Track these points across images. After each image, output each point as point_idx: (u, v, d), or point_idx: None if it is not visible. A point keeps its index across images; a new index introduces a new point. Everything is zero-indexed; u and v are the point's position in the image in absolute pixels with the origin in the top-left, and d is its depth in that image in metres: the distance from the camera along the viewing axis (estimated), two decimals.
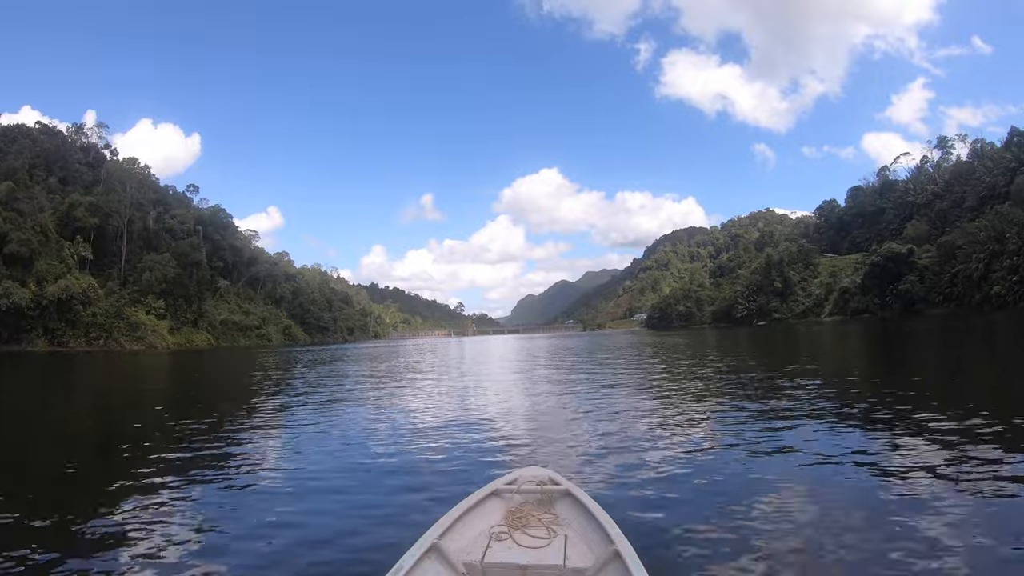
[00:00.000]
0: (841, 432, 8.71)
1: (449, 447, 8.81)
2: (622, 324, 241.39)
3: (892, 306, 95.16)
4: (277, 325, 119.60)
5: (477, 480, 6.15)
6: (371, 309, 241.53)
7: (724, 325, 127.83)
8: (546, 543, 3.77)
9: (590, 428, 9.93)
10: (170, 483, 7.18)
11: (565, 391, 16.32)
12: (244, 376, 28.33)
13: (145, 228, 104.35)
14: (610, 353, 36.04)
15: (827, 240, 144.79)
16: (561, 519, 4.13)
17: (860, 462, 6.85)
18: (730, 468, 7.02)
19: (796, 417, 9.92)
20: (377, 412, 13.50)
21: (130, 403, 18.39)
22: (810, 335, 52.76)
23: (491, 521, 4.12)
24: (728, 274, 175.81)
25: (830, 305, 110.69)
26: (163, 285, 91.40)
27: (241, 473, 7.72)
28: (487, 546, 3.77)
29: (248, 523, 5.57)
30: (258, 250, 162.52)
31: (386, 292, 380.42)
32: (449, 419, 11.64)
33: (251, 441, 10.31)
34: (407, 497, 6.30)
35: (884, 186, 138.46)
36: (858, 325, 72.24)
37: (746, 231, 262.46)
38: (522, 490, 4.49)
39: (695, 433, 9.34)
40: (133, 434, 11.29)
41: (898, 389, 12.34)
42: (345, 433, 10.56)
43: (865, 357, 25.35)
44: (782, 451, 7.83)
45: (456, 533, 3.85)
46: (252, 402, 16.63)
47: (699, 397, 13.39)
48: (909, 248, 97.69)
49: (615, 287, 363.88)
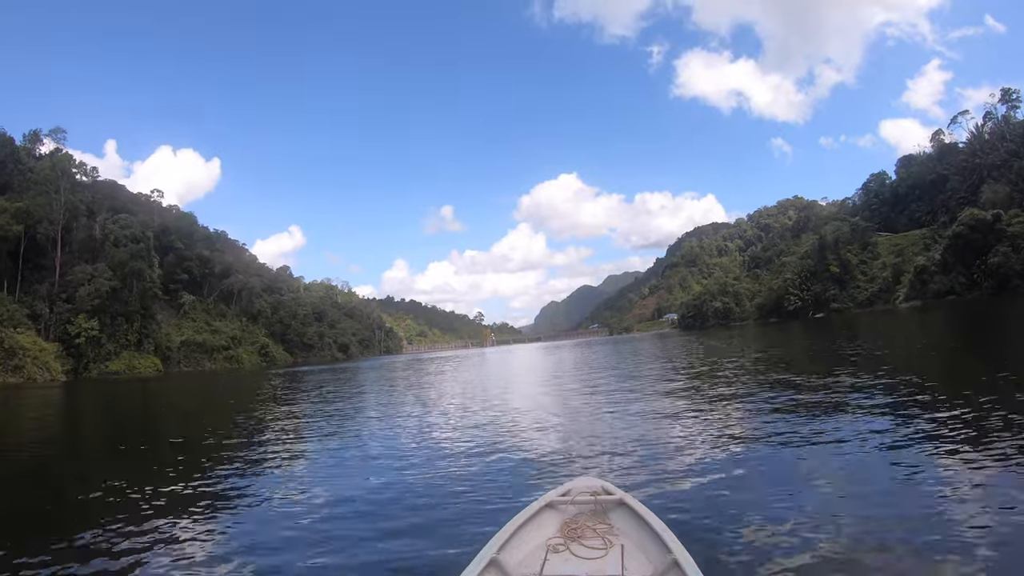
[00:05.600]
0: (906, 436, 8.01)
1: (495, 462, 8.78)
2: (652, 326, 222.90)
3: (982, 285, 77.40)
4: (253, 344, 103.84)
5: (528, 493, 6.43)
6: (381, 323, 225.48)
7: (773, 320, 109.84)
8: (603, 554, 3.79)
9: (637, 437, 9.85)
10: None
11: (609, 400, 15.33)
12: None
13: (91, 238, 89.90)
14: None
15: (879, 218, 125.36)
16: (616, 529, 4.16)
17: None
18: (785, 472, 7.10)
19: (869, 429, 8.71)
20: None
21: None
22: (889, 328, 42.18)
23: (547, 533, 4.16)
24: (765, 265, 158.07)
25: (904, 288, 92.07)
26: (96, 301, 76.39)
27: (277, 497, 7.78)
28: (544, 559, 3.79)
29: (304, 540, 5.79)
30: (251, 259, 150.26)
31: (402, 305, 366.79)
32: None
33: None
34: (457, 512, 6.33)
35: (942, 151, 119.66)
36: (945, 311, 56.81)
37: (776, 219, 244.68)
38: (576, 501, 4.52)
39: (747, 438, 9.10)
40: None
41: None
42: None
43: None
44: (840, 453, 7.60)
45: (513, 547, 3.86)
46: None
47: (757, 408, 11.76)
48: (995, 214, 79.68)
49: (639, 288, 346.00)
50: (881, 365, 17.25)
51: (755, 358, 25.82)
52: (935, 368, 16.48)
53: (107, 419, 23.79)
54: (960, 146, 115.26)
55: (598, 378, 23.24)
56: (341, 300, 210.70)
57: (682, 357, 31.84)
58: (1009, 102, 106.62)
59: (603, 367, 29.91)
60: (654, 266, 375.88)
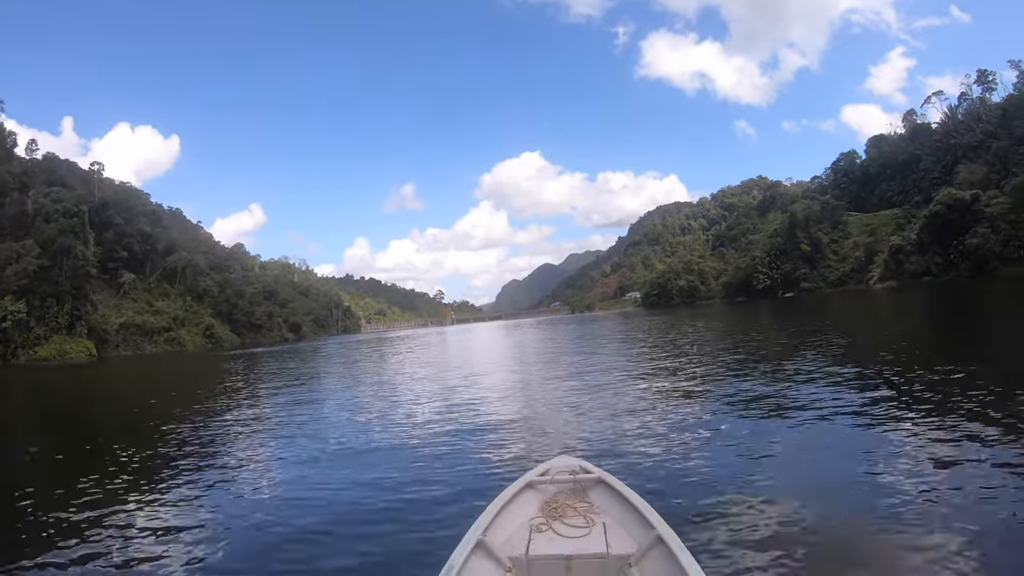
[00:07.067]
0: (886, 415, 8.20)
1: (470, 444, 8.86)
2: (614, 304, 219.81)
3: (959, 266, 75.80)
4: (197, 326, 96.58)
5: (505, 474, 6.56)
6: (339, 302, 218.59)
7: (741, 299, 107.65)
8: (586, 532, 3.83)
9: (610, 416, 10.02)
10: None
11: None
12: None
13: (23, 213, 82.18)
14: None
15: (849, 197, 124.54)
16: (597, 507, 4.19)
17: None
18: (759, 446, 7.29)
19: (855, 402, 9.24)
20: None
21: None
22: (864, 308, 42.79)
23: (529, 513, 4.19)
24: (731, 243, 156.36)
25: (879, 268, 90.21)
26: (23, 281, 69.35)
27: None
28: (529, 539, 3.82)
29: (288, 527, 5.82)
30: (207, 237, 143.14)
31: (362, 283, 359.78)
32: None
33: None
34: (436, 497, 6.35)
35: (914, 131, 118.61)
36: (921, 292, 55.48)
37: (740, 199, 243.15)
38: (555, 480, 4.53)
39: (719, 413, 9.54)
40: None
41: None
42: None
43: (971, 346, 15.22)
44: (819, 424, 8.02)
45: (497, 528, 3.89)
46: None
47: (729, 385, 12.15)
48: (973, 194, 77.85)
49: (601, 267, 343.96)
50: (861, 345, 17.52)
51: (724, 334, 26.67)
52: (918, 349, 16.03)
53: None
54: (933, 127, 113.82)
55: (564, 359, 23.39)
56: (298, 279, 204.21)
57: (650, 336, 31.74)
58: (985, 84, 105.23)
59: (568, 351, 28.56)
60: (616, 244, 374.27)
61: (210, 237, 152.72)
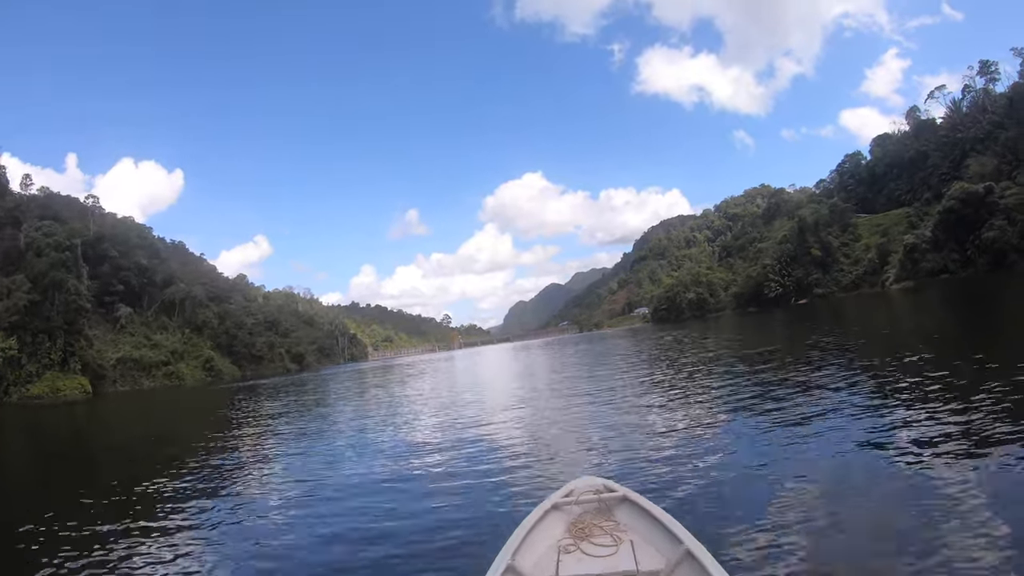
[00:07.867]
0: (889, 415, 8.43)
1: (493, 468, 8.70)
2: (623, 321, 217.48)
3: (976, 261, 73.35)
4: (196, 359, 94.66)
5: (529, 497, 6.48)
6: (345, 330, 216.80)
7: (752, 309, 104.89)
8: (614, 551, 3.80)
9: (629, 434, 9.96)
10: None
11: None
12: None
13: (15, 248, 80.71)
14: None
15: (856, 199, 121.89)
16: (623, 525, 4.15)
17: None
18: (784, 460, 7.08)
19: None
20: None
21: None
22: (887, 311, 40.90)
23: (556, 535, 4.15)
24: (738, 253, 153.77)
25: (894, 269, 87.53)
26: (13, 317, 67.54)
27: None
28: (558, 560, 3.78)
29: (314, 559, 5.90)
30: (210, 269, 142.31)
31: (368, 311, 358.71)
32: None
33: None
34: (463, 523, 6.30)
35: (919, 128, 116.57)
36: (940, 290, 53.39)
37: (744, 208, 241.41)
38: (580, 501, 4.49)
39: (741, 429, 9.29)
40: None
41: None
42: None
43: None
44: (842, 439, 7.68)
45: (526, 551, 3.85)
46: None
47: (748, 400, 11.81)
48: (987, 187, 75.47)
49: (608, 284, 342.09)
50: (885, 352, 16.13)
51: (734, 344, 26.22)
52: (946, 354, 14.51)
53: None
54: (938, 122, 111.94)
55: (575, 378, 23.12)
56: (302, 308, 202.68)
57: (662, 353, 31.02)
58: (988, 75, 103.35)
59: (579, 371, 27.66)
60: (621, 261, 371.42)
61: (213, 269, 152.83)
